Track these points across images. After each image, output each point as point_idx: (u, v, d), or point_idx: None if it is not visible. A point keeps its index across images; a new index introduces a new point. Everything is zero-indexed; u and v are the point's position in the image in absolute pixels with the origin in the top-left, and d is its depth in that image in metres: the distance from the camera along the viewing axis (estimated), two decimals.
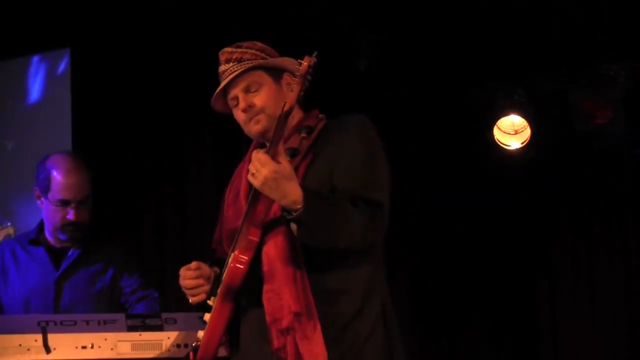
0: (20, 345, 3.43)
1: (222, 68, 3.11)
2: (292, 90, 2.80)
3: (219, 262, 3.12)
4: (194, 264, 3.08)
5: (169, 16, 5.51)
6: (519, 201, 5.89)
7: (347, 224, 2.81)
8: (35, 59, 5.82)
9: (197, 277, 3.07)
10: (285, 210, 2.80)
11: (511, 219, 5.91)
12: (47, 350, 3.44)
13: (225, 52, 3.11)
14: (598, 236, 5.83)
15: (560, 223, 5.90)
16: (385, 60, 5.56)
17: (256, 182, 2.78)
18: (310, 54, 2.78)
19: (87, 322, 3.52)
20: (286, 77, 3.10)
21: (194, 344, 3.09)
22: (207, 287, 3.05)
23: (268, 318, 2.87)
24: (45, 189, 4.13)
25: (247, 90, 3.07)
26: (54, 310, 4.08)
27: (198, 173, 5.90)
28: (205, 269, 3.09)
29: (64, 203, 4.11)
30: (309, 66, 2.77)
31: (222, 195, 3.27)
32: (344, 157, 2.93)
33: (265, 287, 2.90)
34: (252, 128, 3.07)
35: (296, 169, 2.88)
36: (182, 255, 5.66)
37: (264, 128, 3.06)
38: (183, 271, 3.09)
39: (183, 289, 3.10)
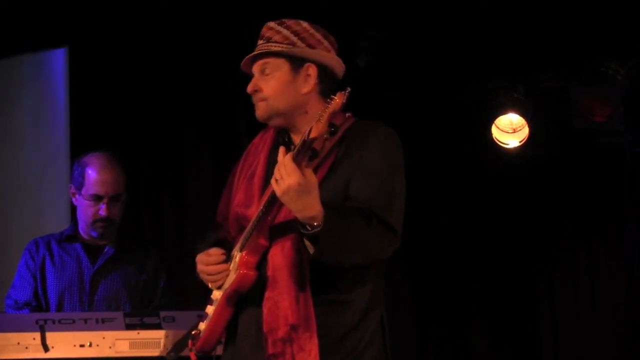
0: (18, 343, 3.43)
1: (258, 41, 3.07)
2: (319, 120, 2.68)
3: (220, 243, 3.07)
4: (217, 250, 3.02)
5: (168, 14, 5.49)
6: (517, 199, 5.89)
7: (360, 246, 2.79)
8: (32, 58, 5.81)
9: (220, 263, 3.01)
10: (300, 223, 2.73)
11: (509, 218, 5.91)
12: (46, 348, 3.44)
13: (265, 27, 3.07)
14: (597, 234, 5.83)
15: (559, 221, 5.90)
16: (384, 58, 5.55)
17: (278, 190, 2.69)
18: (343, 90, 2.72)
19: (85, 321, 3.52)
20: (308, 68, 2.99)
21: (193, 332, 3.08)
22: (228, 271, 2.98)
23: (265, 326, 2.83)
24: (80, 185, 4.22)
25: (262, 72, 3.02)
26: (89, 305, 4.15)
27: (198, 172, 5.90)
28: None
29: (97, 198, 4.19)
30: (342, 104, 2.71)
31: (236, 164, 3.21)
32: (363, 170, 2.87)
33: (267, 293, 2.85)
34: (255, 111, 3.04)
35: (314, 171, 2.81)
36: (181, 254, 5.65)
37: (261, 117, 3.03)
38: (204, 257, 3.03)
39: (203, 275, 3.04)
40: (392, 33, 5.48)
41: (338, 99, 2.69)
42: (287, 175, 2.66)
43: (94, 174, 4.19)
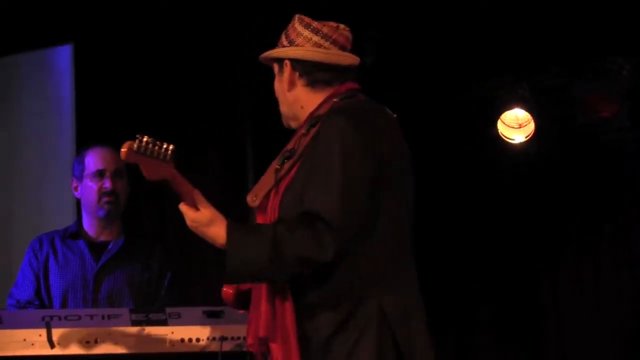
0: (24, 340, 3.44)
1: None
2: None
3: None
4: None
5: (172, 11, 5.50)
6: (523, 195, 5.89)
7: (277, 258, 2.66)
8: (37, 55, 5.81)
9: None
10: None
11: (515, 213, 5.90)
12: (51, 345, 3.44)
13: None
14: (602, 229, 5.82)
15: (564, 217, 5.89)
16: (385, 57, 5.55)
17: None
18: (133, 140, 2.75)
19: (91, 317, 3.52)
20: (285, 66, 2.95)
21: None
22: None
23: (247, 340, 2.85)
24: (81, 171, 4.25)
25: None
26: (92, 303, 4.14)
27: (203, 169, 5.89)
28: None
29: (100, 174, 4.22)
30: (128, 152, 2.75)
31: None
32: (309, 172, 2.77)
33: (250, 306, 2.84)
34: None
35: (287, 172, 2.78)
36: (185, 252, 5.66)
37: (284, 122, 3.03)
38: None
39: None
40: (393, 33, 5.48)
41: (123, 148, 2.77)
42: (185, 216, 2.79)
43: (94, 156, 4.24)
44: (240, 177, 5.82)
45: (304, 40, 2.92)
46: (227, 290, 2.88)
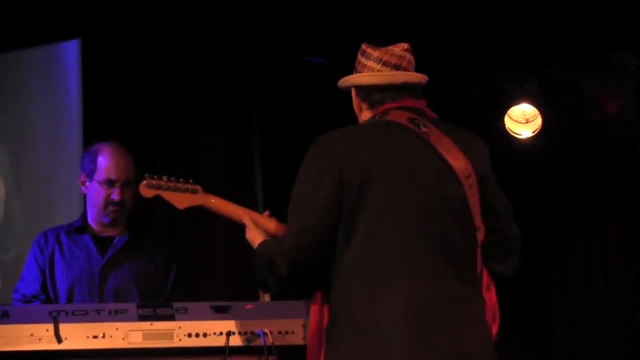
0: (32, 335, 3.43)
1: None
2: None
3: None
4: None
5: (179, 6, 5.50)
6: (529, 190, 5.88)
7: (270, 275, 2.97)
8: (45, 49, 5.81)
9: None
10: None
11: (521, 208, 5.89)
12: (59, 340, 3.43)
13: None
14: (610, 224, 5.81)
15: (571, 212, 5.89)
16: None
17: None
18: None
19: (98, 312, 3.52)
20: (353, 94, 3.15)
21: None
22: None
23: None
24: (91, 171, 4.24)
25: None
26: (99, 297, 4.16)
27: (210, 163, 5.90)
28: None
29: (110, 183, 4.21)
30: (142, 189, 3.42)
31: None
32: None
33: None
34: None
35: None
36: (194, 246, 5.66)
37: None
38: None
39: None
40: (403, 25, 5.48)
41: None
42: None
43: (107, 160, 4.22)
44: (245, 176, 5.83)
45: (362, 67, 3.11)
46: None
